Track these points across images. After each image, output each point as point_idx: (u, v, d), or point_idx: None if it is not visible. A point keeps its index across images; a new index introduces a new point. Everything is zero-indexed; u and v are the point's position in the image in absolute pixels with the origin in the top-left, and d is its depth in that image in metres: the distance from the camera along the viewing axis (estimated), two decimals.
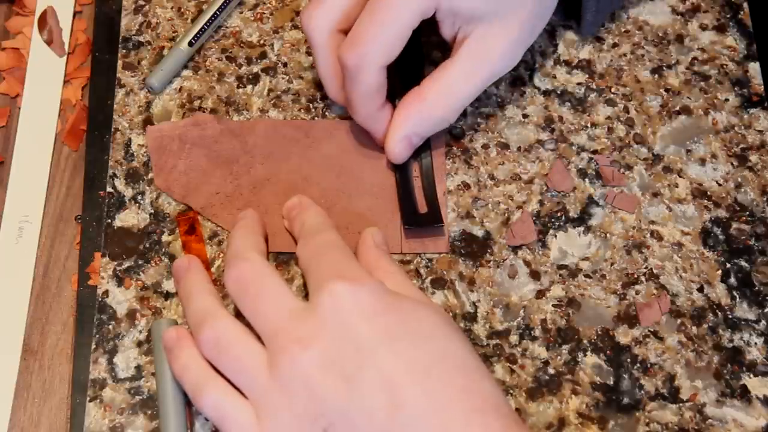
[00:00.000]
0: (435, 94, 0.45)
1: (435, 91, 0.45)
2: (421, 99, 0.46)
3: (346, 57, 0.44)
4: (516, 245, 0.47)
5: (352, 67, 0.44)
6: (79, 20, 0.54)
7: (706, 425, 0.43)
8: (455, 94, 0.46)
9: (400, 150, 0.46)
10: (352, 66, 0.44)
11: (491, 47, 0.45)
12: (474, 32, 0.45)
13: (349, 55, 0.43)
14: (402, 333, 0.38)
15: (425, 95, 0.46)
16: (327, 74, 0.47)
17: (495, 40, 0.45)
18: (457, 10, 0.44)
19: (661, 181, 0.48)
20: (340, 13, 0.45)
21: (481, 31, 0.45)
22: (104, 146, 0.50)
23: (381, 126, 0.47)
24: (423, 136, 0.47)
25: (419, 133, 0.46)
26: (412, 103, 0.46)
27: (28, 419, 0.44)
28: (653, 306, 0.46)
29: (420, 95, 0.46)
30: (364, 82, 0.44)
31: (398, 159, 0.47)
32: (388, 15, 0.43)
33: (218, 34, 0.52)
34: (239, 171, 0.49)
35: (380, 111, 0.46)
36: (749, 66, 0.51)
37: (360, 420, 0.36)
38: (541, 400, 0.44)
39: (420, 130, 0.46)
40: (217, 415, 0.38)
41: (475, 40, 0.45)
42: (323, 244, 0.42)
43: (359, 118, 0.47)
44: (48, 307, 0.47)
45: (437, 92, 0.45)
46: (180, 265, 0.44)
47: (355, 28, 0.44)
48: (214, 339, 0.39)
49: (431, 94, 0.45)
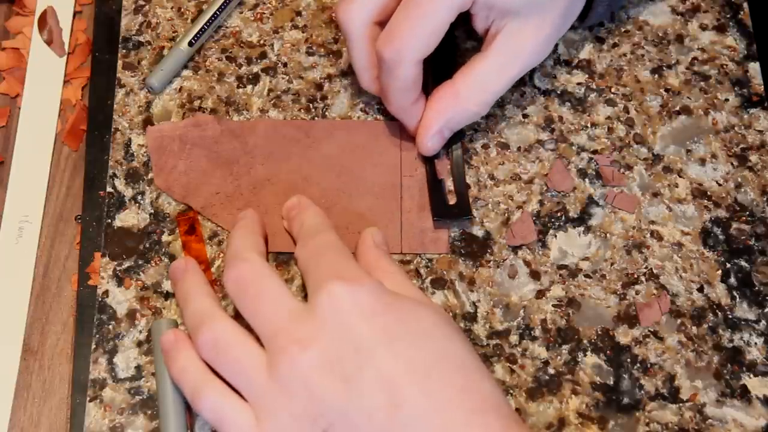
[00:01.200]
0: (468, 88, 0.46)
1: (468, 85, 0.46)
2: (454, 93, 0.46)
3: (383, 51, 0.44)
4: (516, 245, 0.47)
5: (389, 61, 0.44)
6: (79, 20, 0.54)
7: (706, 425, 0.43)
8: (488, 87, 0.46)
9: (433, 143, 0.47)
10: (389, 60, 0.44)
11: (524, 42, 0.45)
12: (507, 26, 0.45)
13: (386, 48, 0.44)
14: (401, 333, 0.38)
15: (458, 89, 0.46)
16: (362, 66, 0.47)
17: (528, 35, 0.45)
18: (492, 4, 0.44)
19: (661, 181, 0.48)
20: (377, 6, 0.45)
21: (515, 25, 0.45)
22: (104, 146, 0.50)
23: (414, 119, 0.47)
24: (454, 130, 0.47)
25: (451, 127, 0.47)
26: (445, 97, 0.46)
27: (28, 419, 0.44)
28: (653, 306, 0.46)
29: (453, 89, 0.46)
30: (401, 76, 0.44)
31: (430, 152, 0.48)
32: (426, 9, 0.43)
33: (218, 34, 0.52)
34: (239, 171, 0.49)
35: (414, 104, 0.46)
36: (749, 66, 0.51)
37: (360, 420, 0.36)
38: (541, 400, 0.44)
39: (452, 123, 0.47)
40: (216, 417, 0.38)
41: (509, 35, 0.45)
42: (322, 245, 0.42)
43: (393, 109, 0.47)
44: (48, 307, 0.47)
45: (470, 86, 0.46)
46: (177, 267, 0.44)
47: (392, 22, 0.44)
48: (213, 341, 0.39)
49: (464, 88, 0.46)
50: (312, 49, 0.52)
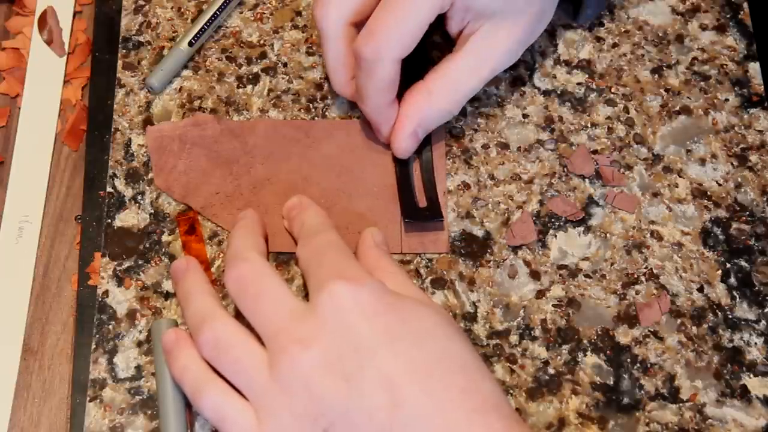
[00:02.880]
0: (441, 88, 0.46)
1: (440, 85, 0.46)
2: (426, 93, 0.46)
3: (362, 49, 0.44)
4: (516, 245, 0.47)
5: (368, 59, 0.44)
6: (79, 20, 0.54)
7: (706, 425, 0.43)
8: (460, 87, 0.46)
9: (407, 145, 0.47)
10: (368, 58, 0.44)
11: (497, 44, 0.46)
12: (482, 28, 0.45)
13: (366, 47, 0.44)
14: (402, 333, 0.38)
15: (431, 89, 0.46)
16: (336, 66, 0.47)
17: (502, 37, 0.46)
18: (469, 6, 0.45)
19: (661, 181, 0.48)
20: (354, 6, 0.45)
21: (489, 27, 0.45)
22: (104, 146, 0.50)
23: (389, 121, 0.47)
24: (428, 130, 0.48)
25: (425, 127, 0.47)
26: (418, 98, 0.46)
27: (28, 419, 0.44)
28: (653, 306, 0.46)
29: (425, 89, 0.46)
30: (379, 75, 0.44)
31: (405, 154, 0.48)
32: (406, 8, 0.43)
33: (218, 34, 0.52)
34: (239, 171, 0.49)
35: (390, 106, 0.46)
36: (749, 66, 0.51)
37: (360, 420, 0.36)
38: (541, 400, 0.44)
39: (426, 123, 0.47)
40: (217, 417, 0.38)
41: (482, 37, 0.46)
42: (323, 245, 0.42)
43: (368, 110, 0.47)
44: (48, 307, 0.47)
45: (443, 86, 0.46)
46: (178, 267, 0.44)
47: (372, 21, 0.44)
48: (214, 340, 0.39)
49: (436, 87, 0.46)
50: (312, 49, 0.52)
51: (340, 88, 0.48)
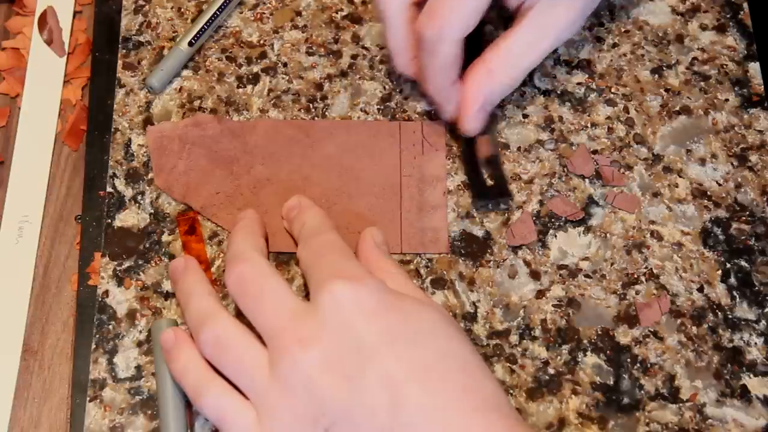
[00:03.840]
0: (502, 64, 0.46)
1: (502, 61, 0.46)
2: (487, 70, 0.46)
3: (425, 29, 0.44)
4: (516, 245, 0.47)
5: (430, 39, 0.44)
6: (79, 20, 0.54)
7: (706, 425, 0.43)
8: (520, 62, 0.47)
9: (477, 122, 0.47)
10: (430, 38, 0.44)
11: (557, 18, 0.46)
12: (540, 2, 0.45)
13: (428, 27, 0.44)
14: (403, 332, 0.38)
15: (491, 67, 0.46)
16: (398, 46, 0.47)
17: (561, 11, 0.46)
18: None
19: (661, 181, 0.48)
20: None
21: (548, 1, 0.45)
22: (104, 146, 0.50)
23: (453, 100, 0.47)
24: (493, 104, 0.48)
25: (491, 102, 0.47)
26: (480, 75, 0.46)
27: (28, 419, 0.44)
28: (653, 306, 0.46)
29: (486, 66, 0.46)
30: (442, 55, 0.45)
31: (474, 131, 0.48)
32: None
33: (218, 34, 0.52)
34: (239, 171, 0.49)
35: (453, 85, 0.47)
36: (749, 66, 0.51)
37: (361, 420, 0.36)
38: (541, 400, 0.44)
39: (491, 99, 0.47)
40: (218, 416, 0.38)
41: (541, 11, 0.46)
42: (323, 245, 0.42)
43: (432, 90, 0.47)
44: (48, 307, 0.47)
45: (503, 62, 0.46)
46: (176, 266, 0.44)
47: (433, 1, 0.44)
48: (215, 339, 0.39)
49: (498, 65, 0.46)
50: (312, 49, 0.52)
51: (404, 69, 0.48)
